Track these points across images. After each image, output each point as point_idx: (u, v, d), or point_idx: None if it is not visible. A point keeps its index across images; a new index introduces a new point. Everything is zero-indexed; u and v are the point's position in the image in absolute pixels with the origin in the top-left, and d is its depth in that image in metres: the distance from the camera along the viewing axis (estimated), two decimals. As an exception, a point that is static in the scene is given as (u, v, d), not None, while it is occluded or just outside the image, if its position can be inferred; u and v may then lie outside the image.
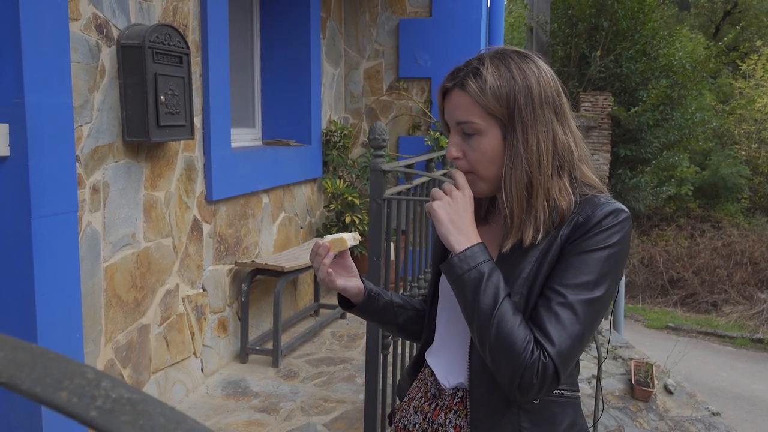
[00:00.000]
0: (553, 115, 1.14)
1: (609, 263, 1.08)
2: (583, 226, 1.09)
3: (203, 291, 3.57)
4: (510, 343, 1.04)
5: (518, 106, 1.10)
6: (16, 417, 2.30)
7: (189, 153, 3.36)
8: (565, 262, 1.09)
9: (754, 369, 9.41)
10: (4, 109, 2.19)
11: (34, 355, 0.39)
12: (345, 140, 5.07)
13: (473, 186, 1.17)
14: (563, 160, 1.14)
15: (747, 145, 16.05)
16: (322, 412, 3.27)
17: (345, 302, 1.38)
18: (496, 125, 1.12)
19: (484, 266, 1.08)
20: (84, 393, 0.37)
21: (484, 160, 1.14)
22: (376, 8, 5.28)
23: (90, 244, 2.69)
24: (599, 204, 1.11)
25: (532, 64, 1.15)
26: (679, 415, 4.76)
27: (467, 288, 1.08)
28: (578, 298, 1.06)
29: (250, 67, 4.68)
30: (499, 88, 1.10)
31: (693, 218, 15.12)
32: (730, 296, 12.87)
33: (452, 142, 1.17)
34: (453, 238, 1.11)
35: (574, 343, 1.05)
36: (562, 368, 1.05)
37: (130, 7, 2.87)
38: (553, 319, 1.06)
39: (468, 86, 1.12)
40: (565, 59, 9.69)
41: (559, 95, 1.16)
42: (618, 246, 1.09)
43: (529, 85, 1.11)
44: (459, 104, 1.14)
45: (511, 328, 1.05)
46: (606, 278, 1.08)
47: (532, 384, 1.04)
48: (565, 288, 1.07)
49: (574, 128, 1.18)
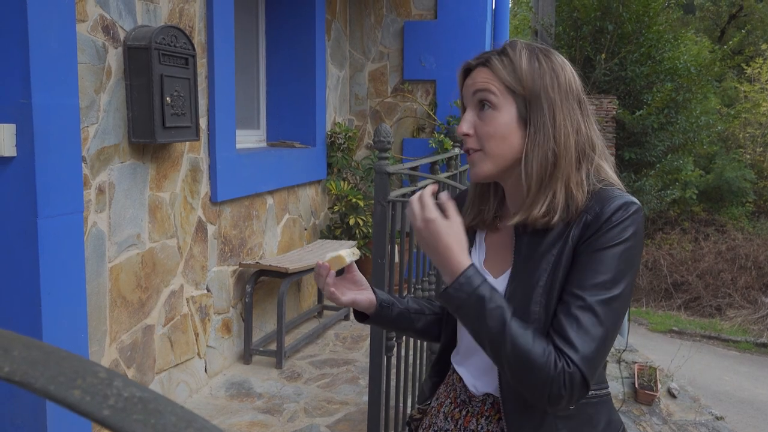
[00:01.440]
0: (578, 107, 1.14)
1: (624, 259, 1.06)
2: (594, 224, 1.07)
3: (207, 292, 3.57)
4: (530, 361, 1.02)
5: (545, 86, 1.11)
6: (21, 416, 2.31)
7: (194, 154, 3.37)
8: (579, 263, 1.07)
9: (758, 373, 9.38)
10: (11, 110, 2.20)
11: (46, 353, 0.40)
12: (349, 142, 5.08)
13: (479, 166, 1.16)
14: (584, 153, 1.13)
15: (752, 148, 16.01)
16: (326, 413, 3.27)
17: (359, 314, 1.38)
18: (513, 102, 1.12)
19: (482, 289, 1.05)
20: (96, 392, 0.37)
21: (496, 135, 1.13)
22: (381, 10, 5.29)
23: (95, 245, 2.70)
24: (608, 198, 1.09)
25: (558, 57, 1.17)
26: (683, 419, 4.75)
27: (471, 316, 1.06)
28: (597, 299, 1.04)
29: (255, 68, 4.69)
30: (525, 66, 1.12)
31: (697, 222, 15.08)
32: (734, 300, 12.83)
33: (465, 118, 1.16)
34: (442, 269, 1.09)
35: (599, 346, 1.03)
36: (589, 374, 1.02)
37: (137, 8, 2.88)
38: (574, 324, 1.03)
39: (491, 62, 1.14)
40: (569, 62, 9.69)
41: (582, 92, 1.17)
42: (632, 240, 1.07)
43: (555, 70, 1.13)
44: (479, 78, 1.15)
45: (527, 345, 1.02)
46: (623, 275, 1.06)
47: (562, 395, 1.02)
48: (582, 290, 1.05)
49: (596, 127, 1.19)
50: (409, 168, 2.79)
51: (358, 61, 5.38)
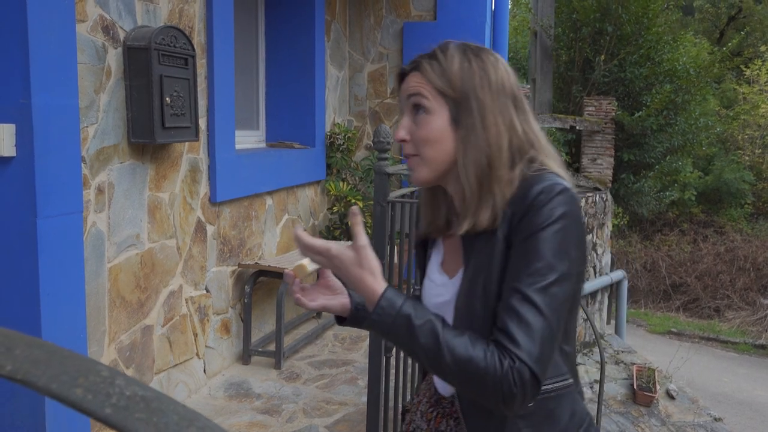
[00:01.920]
0: (512, 105, 1.13)
1: (556, 241, 1.02)
2: (518, 211, 1.05)
3: (206, 292, 3.57)
4: (473, 366, 0.99)
5: (473, 87, 1.10)
6: (20, 416, 2.31)
7: (193, 154, 3.38)
8: (513, 255, 1.04)
9: (756, 375, 9.39)
10: (10, 110, 2.20)
11: (49, 352, 0.40)
12: (349, 143, 5.08)
13: (417, 171, 1.16)
14: (519, 152, 1.11)
15: (750, 150, 16.02)
16: (325, 414, 3.27)
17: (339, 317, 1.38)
18: (445, 106, 1.12)
19: (406, 308, 1.03)
20: (99, 390, 0.37)
21: (430, 140, 1.12)
22: (380, 11, 5.29)
23: (95, 245, 2.70)
24: (532, 183, 1.06)
25: (491, 55, 1.16)
26: (681, 421, 4.76)
27: (401, 336, 1.03)
28: (533, 288, 1.00)
29: (254, 69, 4.70)
30: (452, 68, 1.11)
31: (696, 223, 15.10)
32: (732, 302, 12.84)
33: (402, 124, 1.16)
34: (364, 295, 1.07)
35: (542, 337, 0.99)
36: (537, 368, 0.99)
37: (137, 9, 2.88)
38: (515, 318, 1.00)
39: (422, 67, 1.14)
40: (569, 63, 9.69)
41: (517, 89, 1.15)
42: (561, 221, 1.02)
43: (485, 69, 1.12)
44: (412, 83, 1.15)
45: (466, 351, 0.99)
46: (559, 258, 1.02)
47: (514, 394, 0.98)
48: (518, 282, 1.02)
49: (534, 125, 1.16)
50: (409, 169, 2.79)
51: (358, 61, 5.38)
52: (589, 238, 7.07)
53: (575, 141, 8.61)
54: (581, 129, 7.82)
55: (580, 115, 8.21)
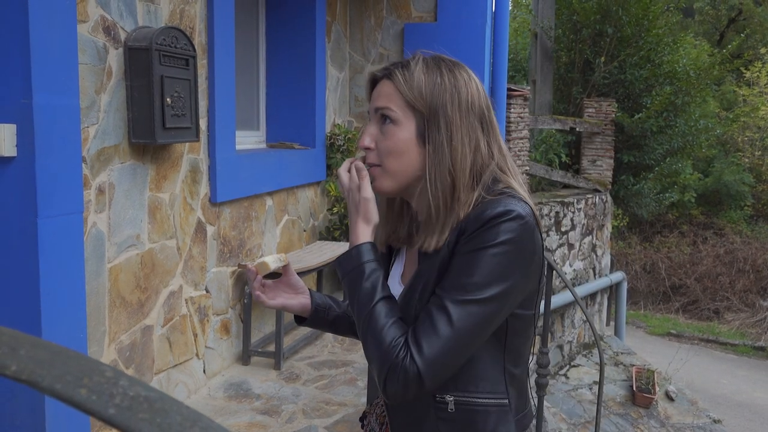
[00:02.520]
0: (479, 124, 1.13)
1: (492, 263, 1.02)
2: (469, 228, 1.06)
3: (206, 293, 3.58)
4: (379, 342, 1.04)
5: (443, 103, 1.10)
6: (20, 416, 2.31)
7: (194, 155, 3.38)
8: (450, 267, 1.07)
9: (755, 377, 9.39)
10: (12, 110, 2.20)
11: (53, 353, 0.40)
12: (349, 144, 5.08)
13: (379, 180, 1.16)
14: (480, 173, 1.11)
15: (750, 152, 16.04)
16: (324, 414, 3.27)
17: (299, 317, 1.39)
18: (413, 119, 1.12)
19: (367, 266, 1.10)
20: (102, 391, 0.38)
21: (394, 151, 1.12)
22: (381, 12, 5.30)
23: (95, 245, 2.70)
24: (485, 208, 1.06)
25: (464, 72, 1.16)
26: (681, 422, 4.76)
27: (350, 286, 1.10)
28: (453, 299, 1.02)
29: (255, 69, 4.70)
30: (424, 82, 1.11)
31: (695, 225, 15.11)
32: (732, 304, 12.85)
33: (367, 131, 1.16)
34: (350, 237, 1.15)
35: (444, 347, 1.01)
36: (427, 374, 1.00)
37: (138, 9, 2.88)
38: (427, 321, 1.03)
39: (394, 76, 1.14)
40: (569, 65, 9.69)
41: (488, 110, 1.15)
42: (506, 246, 1.02)
43: (457, 87, 1.12)
44: (382, 92, 1.15)
45: (383, 326, 1.04)
46: (489, 279, 1.02)
47: (396, 386, 1.01)
48: (442, 290, 1.05)
49: (501, 145, 1.16)
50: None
51: (358, 62, 5.38)
52: (588, 239, 7.07)
53: (575, 142, 8.62)
54: (581, 130, 7.82)
55: (580, 116, 8.22)
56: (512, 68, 11.39)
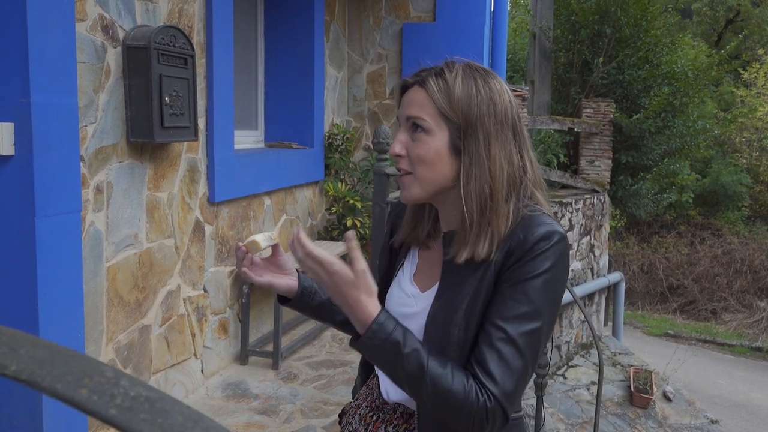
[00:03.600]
0: (512, 136, 1.12)
1: (546, 290, 1.06)
2: (517, 251, 1.06)
3: (204, 292, 3.57)
4: (451, 399, 1.02)
5: (481, 115, 1.09)
6: (18, 416, 2.31)
7: (192, 154, 3.37)
8: (502, 293, 1.07)
9: (753, 377, 9.40)
10: (9, 109, 2.20)
11: (53, 353, 0.40)
12: (347, 143, 5.08)
13: (408, 189, 1.15)
14: (514, 184, 1.12)
15: (748, 153, 16.06)
16: (322, 414, 3.27)
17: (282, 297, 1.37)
18: (446, 129, 1.10)
19: (396, 334, 1.03)
20: (103, 391, 0.37)
21: (426, 160, 1.11)
22: (380, 12, 5.29)
23: (93, 244, 2.69)
24: (533, 226, 1.08)
25: (497, 82, 1.14)
26: (678, 423, 4.77)
27: (387, 361, 1.04)
28: (519, 332, 1.04)
29: (253, 69, 4.69)
30: (460, 93, 1.09)
31: (693, 226, 15.12)
32: (729, 304, 12.86)
33: (398, 139, 1.15)
34: (353, 318, 1.05)
35: (519, 379, 1.05)
36: (509, 408, 1.03)
37: (136, 8, 2.88)
38: (495, 356, 1.04)
39: (428, 84, 1.12)
40: (567, 65, 9.69)
41: (519, 120, 1.14)
42: (553, 271, 1.06)
43: (492, 99, 1.11)
44: (414, 99, 1.13)
45: (447, 384, 1.02)
46: (545, 306, 1.06)
47: (484, 428, 1.03)
48: (504, 321, 1.05)
49: (531, 154, 1.16)
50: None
51: (357, 62, 5.38)
52: (586, 240, 7.08)
53: (573, 143, 8.62)
54: (579, 131, 7.83)
55: (579, 116, 8.22)
56: (510, 68, 11.40)
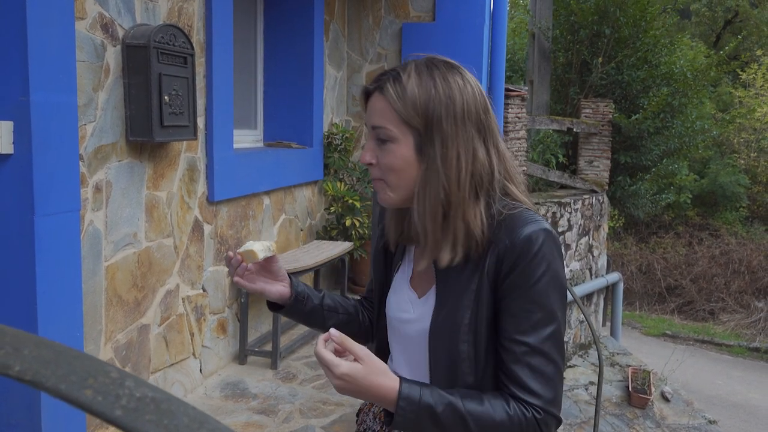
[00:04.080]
0: (476, 132, 1.08)
1: (551, 290, 1.06)
2: (507, 257, 1.05)
3: (203, 292, 3.57)
4: (501, 429, 1.03)
5: (437, 118, 1.06)
6: (16, 416, 2.30)
7: (191, 153, 3.37)
8: (510, 308, 1.06)
9: (750, 378, 9.41)
10: (9, 107, 2.19)
11: (57, 352, 0.39)
12: (346, 143, 5.08)
13: (383, 195, 1.14)
14: (481, 182, 1.09)
15: (746, 153, 16.08)
16: (321, 414, 3.26)
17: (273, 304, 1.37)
18: (410, 134, 1.08)
19: (425, 398, 1.02)
20: (108, 391, 0.37)
21: (394, 168, 1.09)
22: (379, 12, 5.29)
23: (92, 243, 2.69)
24: (516, 227, 1.06)
25: (458, 76, 1.10)
26: (676, 423, 4.77)
27: (428, 425, 1.03)
28: (540, 339, 1.05)
29: (253, 68, 4.69)
30: (418, 97, 1.06)
31: (691, 226, 15.13)
32: (727, 304, 12.88)
33: (367, 147, 1.13)
34: (379, 403, 1.05)
35: (556, 382, 1.06)
36: (557, 411, 1.06)
37: (136, 6, 2.87)
38: (527, 370, 1.04)
39: (386, 91, 1.09)
40: (566, 66, 9.70)
41: (486, 112, 1.10)
42: (551, 268, 1.06)
43: (451, 96, 1.07)
44: (376, 108, 1.10)
45: (491, 419, 1.02)
46: (555, 304, 1.07)
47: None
48: (523, 335, 1.05)
49: (501, 148, 1.13)
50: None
51: (356, 62, 5.38)
52: (585, 240, 7.08)
53: (572, 143, 8.62)
54: (578, 131, 7.83)
55: (578, 117, 8.22)
56: (510, 68, 11.39)
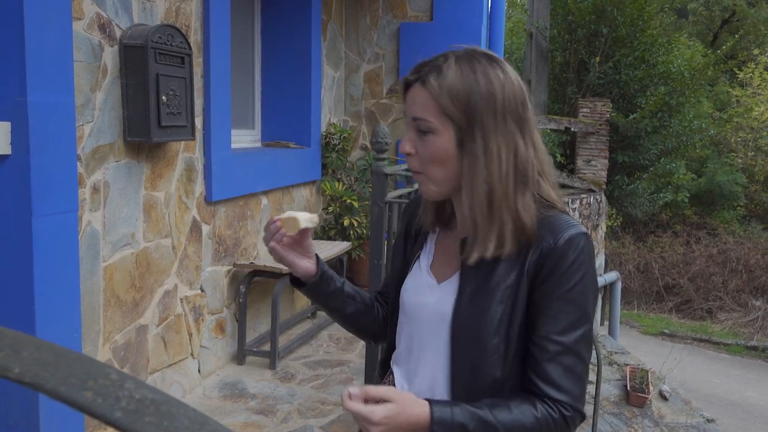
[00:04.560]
0: (516, 127, 1.09)
1: (588, 292, 1.10)
2: (549, 258, 1.07)
3: (201, 292, 3.56)
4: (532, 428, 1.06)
5: (479, 111, 1.06)
6: (14, 416, 2.30)
7: (189, 153, 3.36)
8: (549, 308, 1.08)
9: (748, 376, 9.43)
10: (6, 108, 2.18)
11: (57, 354, 0.39)
12: (344, 143, 5.07)
13: (424, 188, 1.15)
14: (525, 176, 1.09)
15: (743, 153, 16.10)
16: (320, 414, 3.26)
17: (296, 280, 1.35)
18: (450, 127, 1.08)
19: (456, 417, 1.04)
20: (108, 393, 0.37)
21: (434, 161, 1.10)
22: (377, 12, 5.29)
23: (90, 244, 2.69)
24: (559, 229, 1.09)
25: (498, 69, 1.09)
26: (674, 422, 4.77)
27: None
28: (574, 339, 1.08)
29: (250, 68, 4.69)
30: (459, 90, 1.06)
31: (689, 225, 15.15)
32: (725, 303, 12.90)
33: (407, 137, 1.13)
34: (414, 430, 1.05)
35: (584, 380, 1.10)
36: (582, 406, 1.09)
37: (133, 6, 2.87)
38: (560, 369, 1.07)
39: (428, 83, 1.08)
40: (564, 65, 9.71)
41: (524, 106, 1.10)
42: (589, 272, 1.10)
43: (492, 91, 1.06)
44: (417, 99, 1.10)
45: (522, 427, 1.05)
46: (590, 305, 1.10)
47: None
48: (559, 335, 1.07)
49: (538, 143, 1.13)
50: (405, 169, 2.79)
51: (354, 62, 5.37)
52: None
53: (570, 142, 8.63)
54: (576, 130, 7.84)
55: (575, 116, 8.23)
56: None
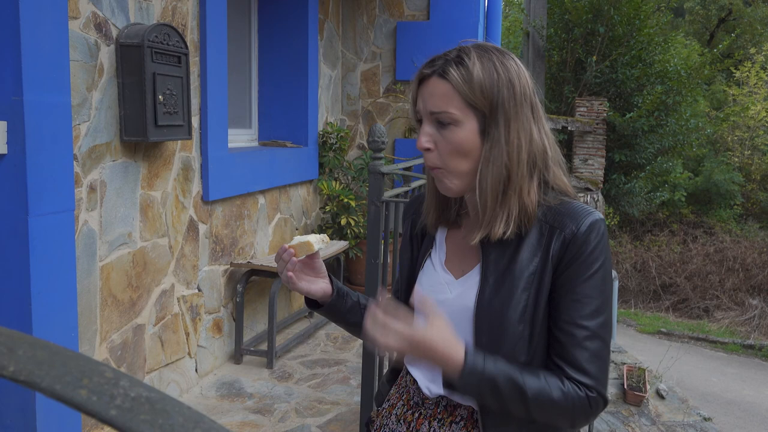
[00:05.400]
0: (530, 114, 1.12)
1: (606, 280, 1.12)
2: (573, 244, 1.09)
3: (198, 291, 3.56)
4: (555, 407, 1.07)
5: (502, 99, 1.08)
6: (10, 416, 2.30)
7: (186, 153, 3.36)
8: (574, 292, 1.09)
9: (745, 375, 9.45)
10: (2, 107, 2.18)
11: (52, 353, 0.39)
12: (341, 142, 5.07)
13: (445, 184, 1.14)
14: (536, 161, 1.12)
15: (740, 151, 16.14)
16: (317, 413, 3.26)
17: (312, 302, 1.35)
18: (473, 117, 1.09)
19: (488, 369, 1.05)
20: (103, 391, 0.37)
21: (457, 153, 1.10)
22: (374, 11, 5.29)
23: (86, 243, 2.68)
24: (579, 216, 1.11)
25: (511, 60, 1.13)
26: (671, 420, 4.78)
27: (487, 395, 1.07)
28: (598, 324, 1.09)
29: (247, 67, 4.68)
30: (484, 80, 1.07)
31: (686, 224, 15.18)
32: (721, 302, 12.92)
33: (424, 131, 1.12)
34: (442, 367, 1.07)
35: (607, 365, 1.11)
36: (605, 390, 1.10)
37: (130, 6, 2.86)
38: (587, 354, 1.09)
39: (449, 75, 1.08)
40: (561, 64, 9.72)
41: (534, 94, 1.14)
42: (608, 259, 1.12)
43: (511, 79, 1.09)
44: (436, 93, 1.09)
45: (548, 396, 1.06)
46: (608, 293, 1.12)
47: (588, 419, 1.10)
48: (585, 320, 1.09)
49: (548, 130, 1.17)
50: (403, 168, 2.79)
51: (351, 61, 5.37)
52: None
53: (567, 141, 8.64)
54: (573, 129, 7.84)
55: (572, 115, 8.24)
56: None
